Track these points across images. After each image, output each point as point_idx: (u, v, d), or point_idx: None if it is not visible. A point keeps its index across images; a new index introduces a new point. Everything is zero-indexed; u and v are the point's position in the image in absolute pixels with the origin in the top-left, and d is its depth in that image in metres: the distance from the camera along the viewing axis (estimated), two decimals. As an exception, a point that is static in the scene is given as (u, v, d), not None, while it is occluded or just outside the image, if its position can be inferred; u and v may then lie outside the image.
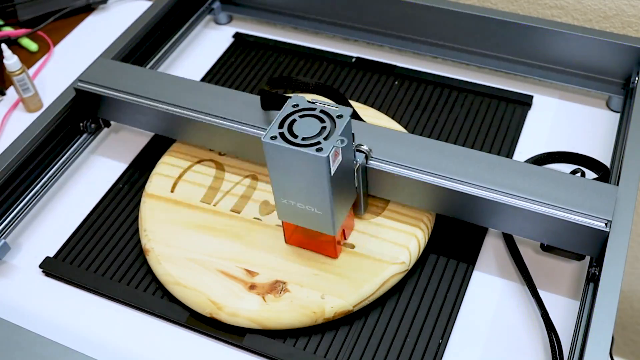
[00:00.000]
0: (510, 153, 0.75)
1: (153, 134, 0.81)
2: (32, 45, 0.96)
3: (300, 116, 0.57)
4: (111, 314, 0.65)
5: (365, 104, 0.82)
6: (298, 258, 0.64)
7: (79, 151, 0.77)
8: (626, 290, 1.16)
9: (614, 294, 0.54)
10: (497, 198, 0.60)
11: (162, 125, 0.74)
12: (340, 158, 0.56)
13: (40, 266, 0.68)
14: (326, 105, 0.57)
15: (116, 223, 0.72)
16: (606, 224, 0.57)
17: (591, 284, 0.60)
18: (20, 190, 0.72)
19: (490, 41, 0.82)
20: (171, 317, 0.63)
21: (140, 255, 0.69)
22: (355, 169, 0.61)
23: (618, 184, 0.63)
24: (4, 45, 0.84)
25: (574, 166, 0.71)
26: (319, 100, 0.58)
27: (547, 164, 0.73)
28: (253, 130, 0.68)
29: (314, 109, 0.57)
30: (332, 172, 0.55)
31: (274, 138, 0.55)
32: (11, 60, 0.82)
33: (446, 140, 0.77)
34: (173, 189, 0.71)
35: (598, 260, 0.59)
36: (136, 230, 0.71)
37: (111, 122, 0.81)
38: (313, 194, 0.57)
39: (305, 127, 0.56)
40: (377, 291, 0.62)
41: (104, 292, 0.66)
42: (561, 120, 0.79)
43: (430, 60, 0.88)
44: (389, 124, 0.76)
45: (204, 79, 0.88)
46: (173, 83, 0.74)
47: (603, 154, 0.74)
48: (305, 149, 0.54)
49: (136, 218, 0.72)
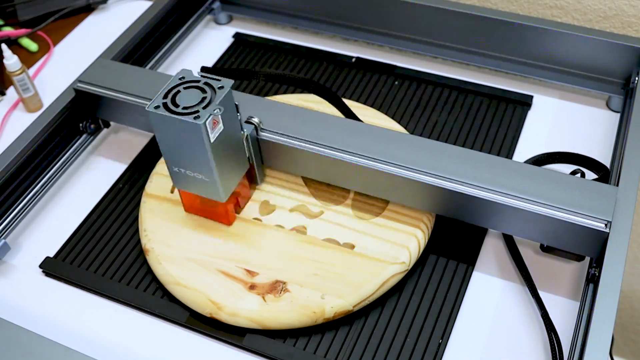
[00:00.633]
0: (510, 153, 0.75)
1: (153, 134, 0.81)
2: (32, 45, 0.96)
3: (185, 87, 0.60)
4: (111, 314, 0.65)
5: (365, 104, 0.82)
6: (298, 258, 0.64)
7: (79, 151, 0.77)
8: (626, 290, 1.16)
9: (613, 294, 0.54)
10: (497, 199, 0.60)
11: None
12: (220, 126, 0.59)
13: (40, 266, 0.68)
14: (211, 78, 0.60)
15: (116, 223, 0.72)
16: (606, 225, 0.57)
17: (591, 285, 0.60)
18: (20, 190, 0.72)
19: (490, 41, 0.82)
20: (171, 317, 0.63)
21: (140, 255, 0.69)
22: (244, 138, 0.64)
23: (618, 185, 0.63)
24: (4, 45, 0.84)
25: (574, 166, 0.71)
26: (208, 74, 0.61)
27: (547, 164, 0.73)
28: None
29: (199, 81, 0.60)
30: (212, 140, 0.58)
31: (157, 107, 0.58)
32: (11, 60, 0.82)
33: (446, 140, 0.77)
34: (173, 189, 0.71)
35: (598, 261, 0.59)
36: (136, 230, 0.71)
37: (111, 123, 0.81)
38: (197, 161, 0.60)
39: (188, 98, 0.59)
40: (377, 291, 0.62)
41: (104, 292, 0.66)
42: (561, 120, 0.79)
43: (430, 60, 0.88)
44: (388, 124, 0.76)
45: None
46: (173, 83, 0.74)
47: (603, 154, 0.74)
48: (183, 117, 0.57)
49: (136, 218, 0.72)
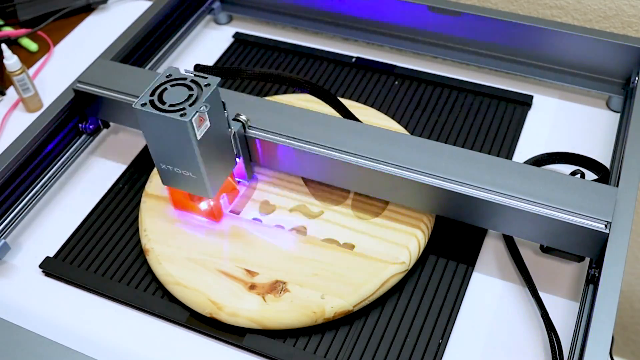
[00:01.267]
0: (510, 153, 0.75)
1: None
2: (32, 45, 0.96)
3: (172, 85, 0.60)
4: (111, 314, 0.65)
5: (365, 104, 0.82)
6: (298, 258, 0.64)
7: (79, 152, 0.77)
8: (626, 290, 1.16)
9: (613, 295, 0.54)
10: (497, 199, 0.60)
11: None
12: (207, 124, 0.59)
13: (40, 266, 0.68)
14: (197, 76, 0.60)
15: (116, 223, 0.72)
16: (606, 226, 0.57)
17: (591, 285, 0.60)
18: (20, 190, 0.72)
19: (490, 41, 0.82)
20: (171, 317, 0.63)
21: (140, 255, 0.69)
22: (232, 135, 0.64)
23: (618, 185, 0.63)
24: (4, 45, 0.84)
25: (574, 167, 0.71)
26: (194, 72, 0.61)
27: (547, 164, 0.73)
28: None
29: (185, 79, 0.61)
30: (199, 137, 0.58)
31: (144, 105, 0.58)
32: (11, 60, 0.82)
33: (446, 140, 0.77)
34: (173, 189, 0.71)
35: (598, 262, 0.59)
36: (136, 230, 0.71)
37: (110, 123, 0.81)
38: (185, 159, 0.60)
39: (174, 95, 0.59)
40: (377, 291, 0.62)
41: (104, 292, 0.66)
42: (561, 120, 0.79)
43: (430, 60, 0.88)
44: (388, 124, 0.76)
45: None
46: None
47: (603, 154, 0.74)
48: (170, 114, 0.57)
49: (136, 218, 0.72)
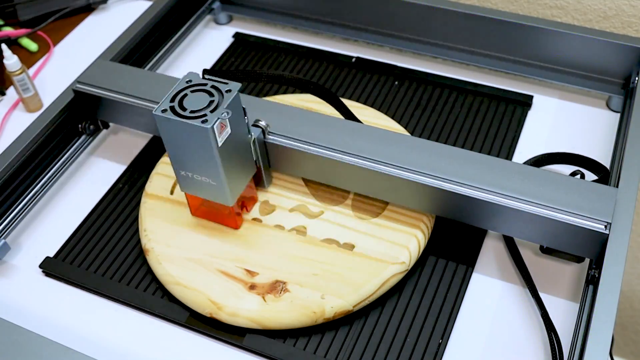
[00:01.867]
0: (510, 153, 0.75)
1: (152, 135, 0.81)
2: (32, 45, 0.96)
3: (192, 91, 0.60)
4: (111, 314, 0.65)
5: (365, 104, 0.82)
6: (298, 258, 0.64)
7: (79, 152, 0.77)
8: (626, 290, 1.16)
9: (613, 296, 0.54)
10: (497, 200, 0.60)
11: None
12: (228, 130, 0.58)
13: (40, 266, 0.68)
14: (217, 81, 0.60)
15: (116, 223, 0.72)
16: (606, 226, 0.57)
17: (591, 286, 0.60)
18: (20, 190, 0.72)
19: (490, 41, 0.82)
20: (171, 317, 0.63)
21: (140, 255, 0.69)
22: (251, 142, 0.64)
23: (618, 186, 0.63)
24: (4, 45, 0.84)
25: (573, 167, 0.71)
26: (214, 77, 0.61)
27: (547, 165, 0.73)
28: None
29: (205, 85, 0.60)
30: (220, 143, 0.58)
31: (164, 111, 0.58)
32: (11, 60, 0.82)
33: (446, 140, 0.77)
34: (173, 189, 0.71)
35: (597, 263, 0.59)
36: (136, 230, 0.71)
37: (110, 124, 0.81)
38: (205, 165, 0.60)
39: (195, 101, 0.59)
40: (377, 291, 0.62)
41: (104, 292, 0.66)
42: (561, 120, 0.79)
43: (430, 60, 0.88)
44: (388, 124, 0.76)
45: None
46: (172, 85, 0.74)
47: (603, 154, 0.74)
48: (191, 121, 0.56)
49: (136, 218, 0.72)
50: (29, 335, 0.56)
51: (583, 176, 0.68)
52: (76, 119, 0.77)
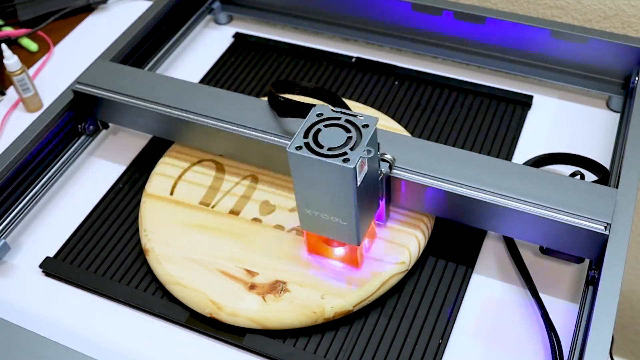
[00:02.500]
0: (510, 153, 0.75)
1: (152, 135, 0.81)
2: (32, 45, 0.96)
3: (325, 125, 0.55)
4: (111, 314, 0.65)
5: (365, 104, 0.82)
6: (298, 258, 0.64)
7: (79, 152, 0.77)
8: (626, 290, 1.16)
9: (613, 296, 0.54)
10: (496, 201, 0.60)
11: (161, 128, 0.74)
12: (366, 168, 0.55)
13: (40, 266, 0.68)
14: (351, 115, 0.56)
15: (116, 223, 0.72)
16: (605, 227, 0.57)
17: (590, 287, 0.60)
18: (20, 190, 0.72)
19: (490, 41, 0.82)
20: (171, 317, 0.63)
21: (140, 255, 0.69)
22: (380, 178, 0.60)
23: (617, 187, 0.63)
24: (4, 45, 0.84)
25: (573, 167, 0.71)
26: (345, 110, 0.57)
27: (547, 165, 0.73)
28: (252, 133, 0.68)
29: (339, 118, 0.56)
30: (359, 183, 0.54)
31: (299, 148, 0.54)
32: (11, 60, 0.82)
33: (446, 140, 0.77)
34: (173, 189, 0.71)
35: (597, 263, 0.59)
36: (136, 230, 0.71)
37: (109, 124, 0.81)
38: (338, 205, 0.56)
39: (331, 137, 0.54)
40: (377, 291, 0.62)
41: (104, 292, 0.66)
42: (561, 120, 0.79)
43: (430, 60, 0.88)
44: (388, 124, 0.76)
45: (204, 79, 0.88)
46: (171, 85, 0.74)
47: (603, 154, 0.74)
48: (331, 160, 0.52)
49: (136, 218, 0.72)
50: (29, 335, 0.56)
51: (583, 177, 0.68)
52: (76, 120, 0.77)
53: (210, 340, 0.62)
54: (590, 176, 0.71)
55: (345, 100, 0.80)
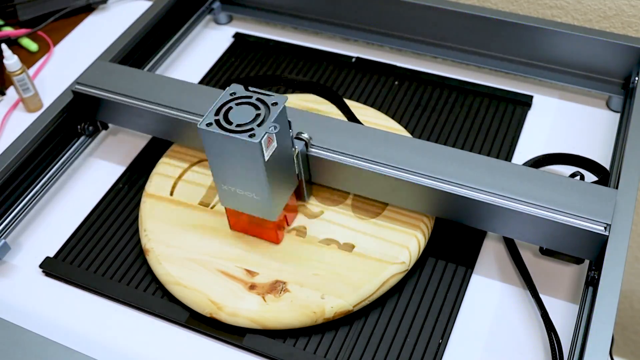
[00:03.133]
0: (510, 153, 0.75)
1: (151, 136, 0.81)
2: (32, 45, 0.96)
3: (237, 104, 0.59)
4: (111, 314, 0.65)
5: (365, 104, 0.82)
6: (298, 258, 0.64)
7: (79, 152, 0.77)
8: (626, 290, 1.16)
9: (613, 297, 0.54)
10: (496, 201, 0.60)
11: (160, 128, 0.74)
12: (274, 144, 0.57)
13: (40, 266, 0.68)
14: (263, 94, 0.59)
15: (116, 223, 0.72)
16: (605, 228, 0.57)
17: (590, 288, 0.59)
18: (20, 190, 0.72)
19: (490, 41, 0.82)
20: (171, 317, 0.63)
21: (140, 255, 0.69)
22: (295, 155, 0.63)
23: (617, 187, 0.63)
24: (4, 45, 0.84)
25: (573, 168, 0.71)
26: (259, 90, 0.60)
27: (547, 165, 0.73)
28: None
29: (250, 97, 0.59)
30: (267, 158, 0.57)
31: (209, 125, 0.57)
32: (11, 60, 0.82)
33: (446, 140, 0.77)
34: (173, 189, 0.71)
35: (597, 264, 0.59)
36: (136, 230, 0.71)
37: (109, 125, 0.81)
38: (250, 180, 0.59)
39: (241, 114, 0.57)
40: (377, 291, 0.62)
41: (104, 292, 0.66)
42: (561, 120, 0.79)
43: (430, 60, 0.88)
44: (389, 124, 0.76)
45: (204, 79, 0.88)
46: (171, 85, 0.74)
47: (603, 154, 0.74)
48: (238, 135, 0.55)
49: (136, 218, 0.72)
50: (29, 335, 0.56)
51: (583, 177, 0.68)
52: (75, 120, 0.77)
53: (210, 340, 0.62)
54: (590, 176, 0.71)
55: (345, 100, 0.80)
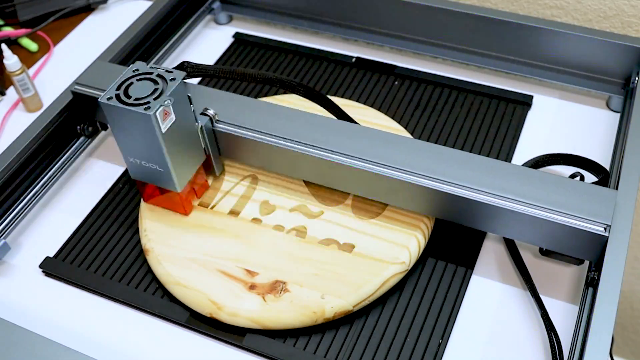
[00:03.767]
0: (510, 153, 0.75)
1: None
2: (32, 45, 0.96)
3: (138, 79, 0.61)
4: (111, 314, 0.65)
5: (365, 104, 0.82)
6: (298, 258, 0.64)
7: (78, 152, 0.77)
8: (626, 291, 1.16)
9: (613, 298, 0.54)
10: (496, 202, 0.60)
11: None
12: (172, 117, 0.60)
13: (40, 266, 0.68)
14: (165, 71, 0.62)
15: (116, 223, 0.72)
16: (605, 229, 0.57)
17: (590, 288, 0.59)
18: (20, 190, 0.72)
19: (490, 41, 0.82)
20: (171, 317, 0.63)
21: (140, 255, 0.69)
22: (199, 129, 0.65)
23: (617, 188, 0.63)
24: (4, 45, 0.84)
25: (573, 168, 0.71)
26: (160, 67, 0.63)
27: (547, 166, 0.73)
28: (249, 134, 0.67)
29: (151, 73, 0.62)
30: (164, 130, 0.59)
31: (109, 99, 0.60)
32: (11, 60, 0.82)
33: (446, 140, 0.77)
34: (173, 189, 0.72)
35: (597, 265, 0.59)
36: (136, 230, 0.71)
37: (108, 125, 0.81)
38: (151, 152, 0.62)
39: (140, 89, 0.60)
40: (377, 291, 0.62)
41: (104, 292, 0.66)
42: (561, 120, 0.79)
43: (430, 60, 0.88)
44: (389, 124, 0.76)
45: (203, 79, 0.88)
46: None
47: (603, 154, 0.74)
48: (134, 108, 0.58)
49: (136, 218, 0.72)
50: (29, 335, 0.56)
51: (582, 178, 0.68)
52: (74, 121, 0.77)
53: (210, 340, 0.62)
54: (590, 177, 0.71)
55: (346, 100, 0.80)
